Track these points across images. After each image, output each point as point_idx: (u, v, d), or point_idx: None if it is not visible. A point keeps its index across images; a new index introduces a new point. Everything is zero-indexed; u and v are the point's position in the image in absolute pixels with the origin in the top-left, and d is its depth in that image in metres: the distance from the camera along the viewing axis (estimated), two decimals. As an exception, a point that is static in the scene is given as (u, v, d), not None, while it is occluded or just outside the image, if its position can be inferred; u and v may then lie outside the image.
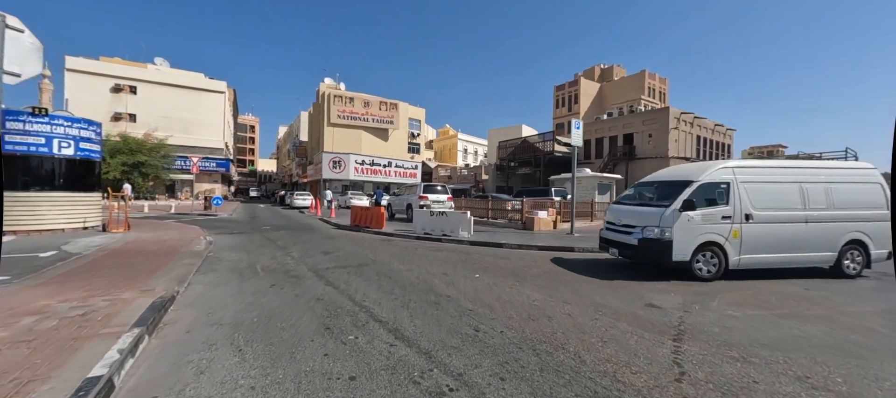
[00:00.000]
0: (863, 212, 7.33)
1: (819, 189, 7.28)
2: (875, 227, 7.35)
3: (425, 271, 7.14)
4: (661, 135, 28.87)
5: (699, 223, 6.80)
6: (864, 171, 7.70)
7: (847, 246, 7.32)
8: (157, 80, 42.81)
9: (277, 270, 7.04)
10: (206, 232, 12.58)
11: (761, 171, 7.38)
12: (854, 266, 7.42)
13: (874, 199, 7.45)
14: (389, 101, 46.15)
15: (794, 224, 7.12)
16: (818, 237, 7.19)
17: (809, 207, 7.16)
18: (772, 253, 7.06)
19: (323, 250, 9.46)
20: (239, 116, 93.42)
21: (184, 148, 42.50)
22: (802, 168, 7.73)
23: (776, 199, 7.13)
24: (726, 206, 6.91)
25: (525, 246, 10.50)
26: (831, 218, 7.23)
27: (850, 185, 7.46)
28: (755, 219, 6.92)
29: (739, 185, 6.99)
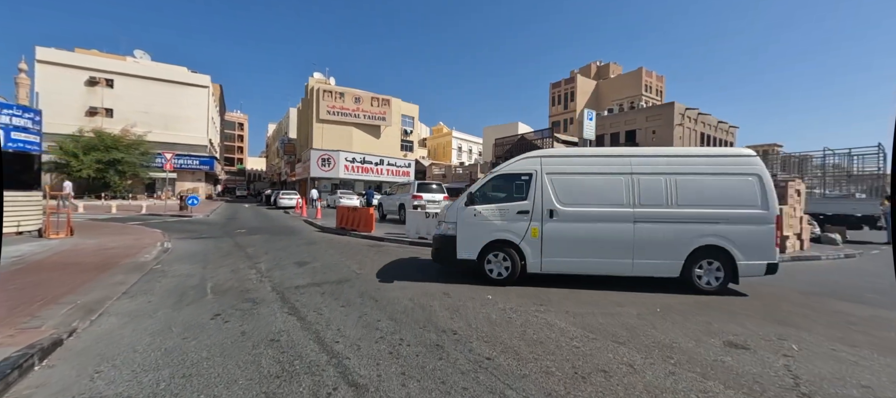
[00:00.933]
0: (726, 212, 5.65)
1: (658, 182, 5.80)
2: (744, 232, 5.60)
3: (421, 290, 5.65)
4: (666, 131, 27.75)
5: (488, 219, 6.07)
6: (735, 159, 5.87)
7: (700, 253, 5.70)
8: (136, 74, 40.64)
9: (232, 290, 5.50)
10: (168, 237, 10.94)
11: (575, 160, 6.20)
12: (708, 279, 5.78)
13: (745, 195, 5.65)
14: (382, 97, 44.53)
15: (617, 223, 5.79)
16: (655, 240, 5.72)
17: (640, 204, 5.77)
18: (585, 256, 5.87)
19: (298, 260, 7.91)
20: (226, 113, 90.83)
21: (164, 145, 40.32)
22: (639, 157, 6.11)
23: (592, 193, 5.92)
24: (524, 201, 5.99)
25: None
26: (675, 217, 5.71)
27: (714, 177, 5.77)
28: (561, 217, 5.88)
29: (544, 176, 5.99)
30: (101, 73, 38.76)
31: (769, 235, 5.58)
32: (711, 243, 5.63)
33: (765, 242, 5.57)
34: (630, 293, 5.72)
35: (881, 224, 13.32)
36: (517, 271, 5.95)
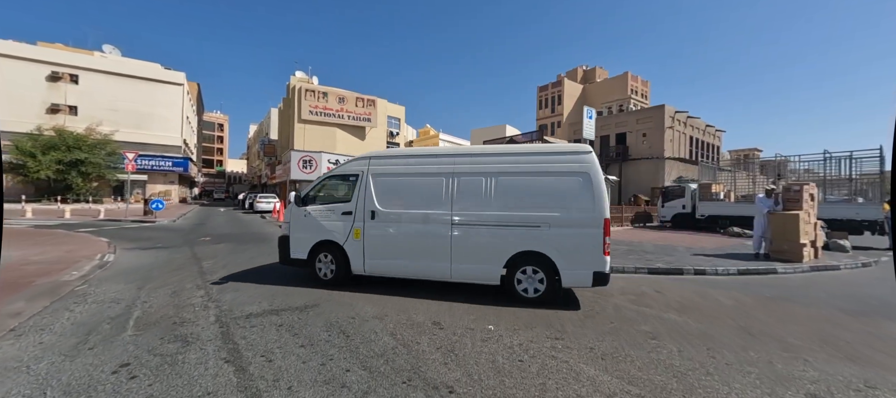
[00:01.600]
0: (549, 215, 5.11)
1: (478, 183, 5.42)
2: (568, 237, 5.02)
3: (406, 318, 4.55)
4: (656, 134, 27.34)
5: (317, 219, 6.10)
6: (566, 156, 5.29)
7: (520, 259, 5.20)
8: (103, 69, 38.20)
9: (162, 323, 4.28)
10: (115, 246, 9.53)
11: (400, 160, 6.09)
12: (529, 287, 5.25)
13: (573, 196, 5.07)
14: (367, 98, 43.19)
15: (435, 226, 5.51)
16: (474, 245, 5.36)
17: (458, 206, 5.44)
18: (404, 259, 5.65)
19: (264, 280, 6.68)
20: (205, 113, 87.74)
21: (134, 145, 38.03)
22: (463, 156, 5.74)
23: (412, 194, 5.73)
24: (349, 202, 5.96)
25: (536, 265, 8.06)
26: (493, 221, 5.31)
27: (540, 177, 5.27)
28: (381, 218, 5.74)
29: (369, 177, 5.92)
30: (64, 67, 36.28)
31: (596, 241, 4.97)
32: (532, 249, 5.13)
33: (591, 249, 4.98)
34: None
35: (884, 229, 12.90)
36: (341, 273, 5.91)
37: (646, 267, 7.90)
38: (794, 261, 8.77)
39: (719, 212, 16.49)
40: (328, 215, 6.05)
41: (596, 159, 5.23)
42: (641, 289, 6.51)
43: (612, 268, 7.78)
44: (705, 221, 17.10)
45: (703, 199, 17.12)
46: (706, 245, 11.96)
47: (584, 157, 5.21)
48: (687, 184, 18.57)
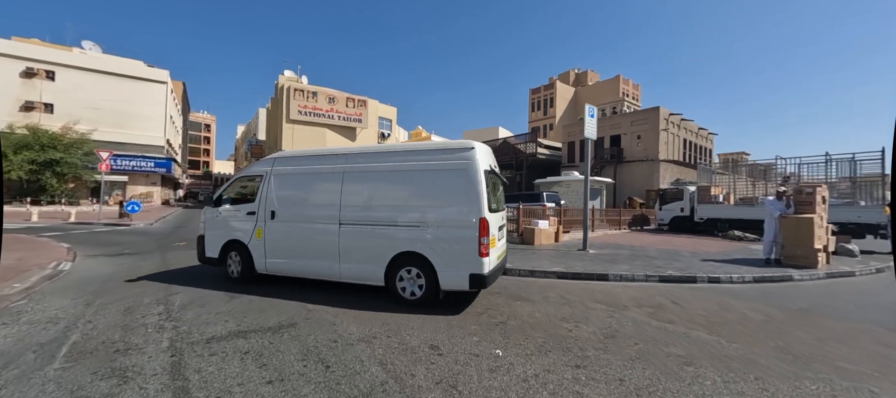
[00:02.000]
0: (429, 215, 4.98)
1: (364, 183, 5.44)
2: (445, 237, 4.86)
3: (398, 342, 3.87)
4: (651, 136, 27.11)
5: (227, 219, 6.33)
6: (448, 154, 5.08)
7: (402, 260, 5.05)
8: (82, 66, 36.73)
9: (102, 349, 3.54)
10: (75, 253, 8.66)
11: (301, 160, 6.06)
12: (410, 289, 5.06)
13: (451, 194, 4.90)
14: (358, 98, 42.38)
15: (326, 225, 5.53)
16: (359, 245, 5.31)
17: (346, 206, 5.44)
18: (300, 259, 5.71)
19: (231, 290, 5.92)
20: (191, 113, 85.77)
21: (114, 144, 36.64)
22: (353, 155, 5.66)
23: (307, 194, 5.82)
24: (253, 202, 6.10)
25: (541, 272, 7.45)
26: (376, 220, 5.27)
27: (422, 176, 5.12)
28: (279, 218, 5.85)
29: (272, 177, 6.02)
30: (40, 63, 34.76)
31: (471, 242, 4.75)
32: (411, 250, 5.00)
33: (467, 249, 4.77)
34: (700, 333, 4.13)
35: (884, 232, 12.64)
36: (246, 272, 6.07)
37: (656, 274, 7.34)
38: (809, 268, 8.32)
39: (718, 215, 16.14)
40: (236, 215, 6.23)
41: (477, 156, 4.93)
42: (656, 299, 5.93)
43: (622, 275, 7.25)
44: (704, 224, 16.75)
45: (701, 201, 16.77)
46: (710, 249, 11.51)
47: (465, 154, 4.96)
48: (685, 186, 18.24)
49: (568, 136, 33.89)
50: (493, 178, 5.32)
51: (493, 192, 5.23)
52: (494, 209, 5.13)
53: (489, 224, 4.75)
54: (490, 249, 4.77)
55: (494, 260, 5.03)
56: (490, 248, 4.77)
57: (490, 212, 4.85)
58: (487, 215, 4.74)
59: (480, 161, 4.90)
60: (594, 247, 11.12)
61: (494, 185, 5.41)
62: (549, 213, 13.92)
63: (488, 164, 5.18)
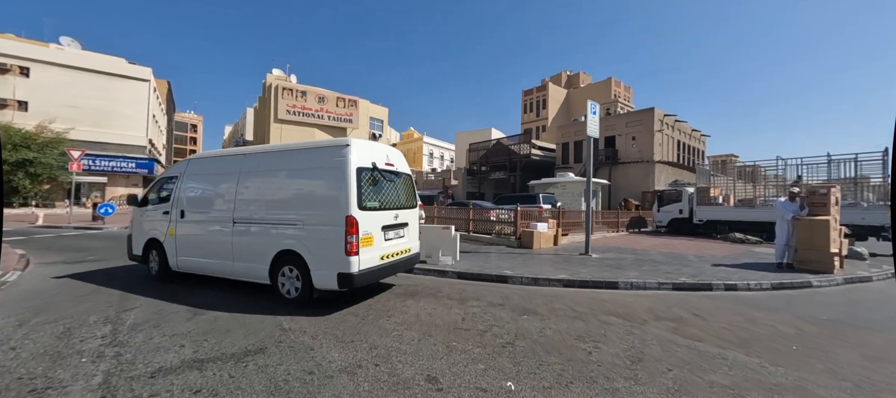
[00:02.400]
0: (305, 213, 5.02)
1: (253, 181, 5.55)
2: (319, 235, 4.85)
3: (388, 371, 3.21)
4: (646, 138, 26.85)
5: (148, 219, 6.63)
6: (324, 152, 5.10)
7: (282, 258, 5.09)
8: (59, 62, 35.29)
9: (14, 388, 2.81)
10: (30, 260, 7.79)
11: (209, 161, 6.31)
12: (290, 288, 5.08)
13: (326, 192, 4.92)
14: (348, 98, 41.56)
15: (222, 225, 5.68)
16: (248, 243, 5.42)
17: (239, 205, 5.54)
18: (203, 257, 5.88)
19: (198, 302, 5.19)
20: (177, 113, 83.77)
21: (93, 144, 35.25)
22: (248, 156, 5.81)
23: (208, 194, 6.04)
24: (168, 202, 6.36)
25: (545, 280, 6.84)
26: (260, 219, 5.38)
27: (304, 174, 5.22)
28: (187, 217, 6.08)
29: (186, 177, 6.27)
30: (13, 59, 33.26)
31: (339, 241, 4.68)
32: (289, 248, 5.01)
33: (335, 248, 4.71)
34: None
35: (887, 234, 12.39)
36: (163, 270, 6.33)
37: (668, 282, 6.80)
38: (825, 272, 7.87)
39: (718, 216, 15.79)
40: (155, 215, 6.47)
41: (352, 154, 4.84)
42: (675, 311, 5.36)
43: (632, 283, 6.69)
44: (703, 226, 16.39)
45: (701, 203, 16.41)
46: (715, 253, 11.06)
47: (339, 152, 4.91)
48: (684, 187, 17.89)
49: (562, 136, 33.54)
50: (375, 175, 5.18)
51: (373, 188, 5.11)
52: (374, 207, 5.05)
53: (358, 222, 4.66)
54: (360, 248, 4.68)
55: (374, 259, 4.97)
56: (360, 247, 4.68)
57: (367, 210, 4.85)
58: (356, 213, 4.66)
59: (355, 159, 4.83)
60: (596, 250, 10.58)
61: (375, 182, 5.21)
62: (545, 215, 13.37)
63: (371, 161, 5.12)
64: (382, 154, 5.46)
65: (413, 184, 6.30)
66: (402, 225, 5.67)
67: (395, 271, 5.62)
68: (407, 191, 5.95)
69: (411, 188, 6.14)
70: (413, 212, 6.06)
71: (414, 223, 6.05)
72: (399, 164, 5.87)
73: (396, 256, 5.49)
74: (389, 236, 5.36)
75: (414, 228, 6.05)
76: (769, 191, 15.57)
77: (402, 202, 5.75)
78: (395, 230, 5.50)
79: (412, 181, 6.28)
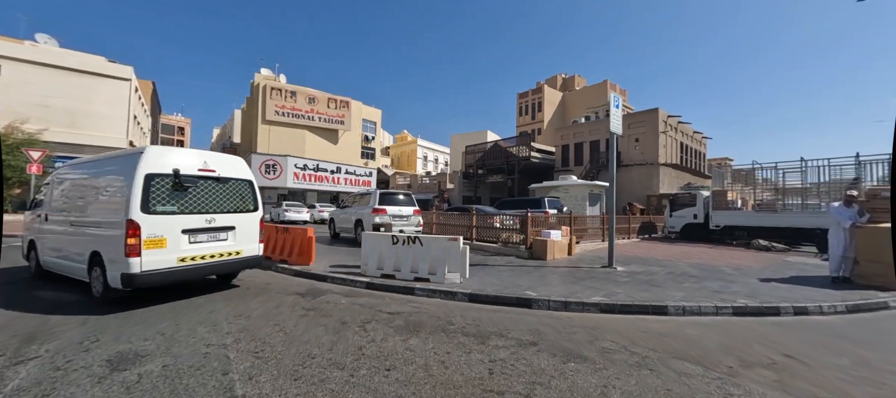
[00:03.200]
0: (105, 218, 5.39)
1: (77, 186, 6.18)
2: (112, 238, 5.10)
3: None
4: (650, 139, 25.92)
5: (31, 222, 7.18)
6: (123, 159, 5.58)
7: (94, 259, 5.39)
8: (32, 60, 33.35)
9: None
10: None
11: (67, 168, 6.83)
12: (97, 287, 5.41)
13: (116, 196, 5.30)
14: (340, 99, 40.16)
15: (63, 227, 6.20)
16: (76, 244, 5.82)
17: (73, 208, 6.11)
18: (56, 258, 6.33)
19: (123, 350, 3.83)
20: (163, 115, 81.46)
21: (69, 146, 33.31)
22: (81, 165, 6.55)
23: (61, 198, 6.48)
24: (41, 207, 6.85)
25: (577, 304, 5.58)
26: (79, 222, 5.86)
27: (109, 179, 5.64)
28: (49, 220, 6.54)
29: (54, 181, 6.77)
30: (-19, 55, 31.24)
31: (120, 243, 4.90)
32: (95, 249, 5.35)
33: (118, 250, 4.94)
34: None
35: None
36: (37, 268, 6.89)
37: (726, 305, 5.60)
38: (890, 289, 6.75)
39: (737, 222, 14.76)
40: (35, 218, 6.91)
41: (142, 161, 5.08)
42: (757, 350, 4.15)
43: (684, 307, 5.48)
44: (719, 232, 15.35)
45: (717, 207, 15.38)
46: (749, 263, 9.96)
47: (131, 159, 5.25)
48: (698, 191, 16.87)
49: (561, 138, 32.54)
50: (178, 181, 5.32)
51: (173, 193, 5.27)
52: (170, 211, 5.19)
53: (140, 225, 4.86)
54: (143, 250, 4.87)
55: (168, 260, 5.13)
56: (143, 249, 4.86)
57: (157, 214, 5.05)
58: (138, 217, 4.86)
59: (145, 166, 5.05)
60: (618, 261, 9.38)
61: (179, 187, 5.35)
62: (551, 221, 12.15)
63: (173, 167, 5.30)
64: (195, 160, 5.62)
65: (253, 189, 6.34)
66: (222, 228, 5.78)
67: (211, 273, 5.94)
68: (237, 196, 6.06)
69: (248, 193, 6.23)
70: (247, 216, 6.14)
71: (247, 227, 6.12)
72: (227, 170, 5.99)
73: (211, 259, 5.61)
74: (199, 239, 5.50)
75: (247, 232, 6.11)
76: (790, 195, 14.56)
77: (226, 207, 5.86)
78: (209, 233, 5.62)
79: (250, 187, 6.29)
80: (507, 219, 12.46)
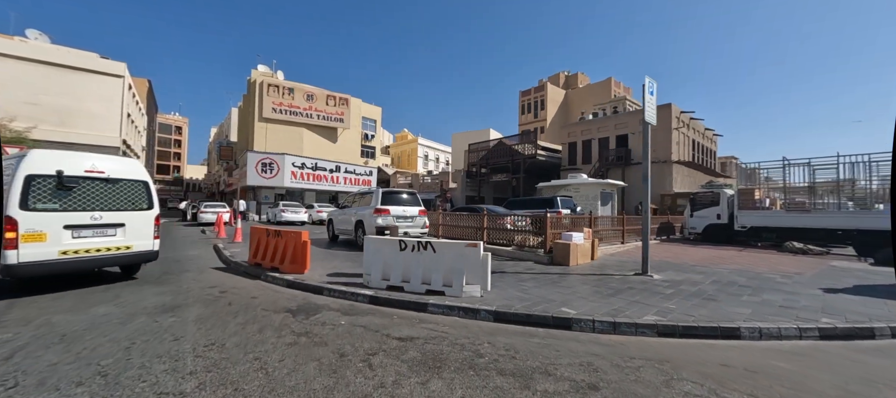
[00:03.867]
0: None
1: None
2: None
3: None
4: (662, 136, 24.92)
5: None
6: (12, 160, 6.02)
7: None
8: (20, 55, 32.28)
9: None
10: None
11: None
12: None
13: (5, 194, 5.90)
14: (339, 96, 39.14)
15: None
16: None
17: None
18: None
19: (77, 379, 2.82)
20: (160, 115, 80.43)
21: (59, 144, 32.26)
22: None
23: None
24: None
25: (628, 325, 4.57)
26: None
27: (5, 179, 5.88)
28: None
29: None
30: (-33, 51, 30.17)
31: None
32: None
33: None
34: None
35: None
36: None
37: (809, 326, 4.59)
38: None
39: (766, 223, 13.75)
40: None
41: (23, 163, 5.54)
42: (887, 396, 3.14)
43: (762, 329, 4.47)
44: (746, 234, 14.36)
45: (743, 207, 14.38)
46: (794, 268, 8.98)
47: (16, 160, 5.77)
48: (721, 189, 15.87)
49: (568, 136, 31.55)
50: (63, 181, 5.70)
51: (56, 192, 5.66)
52: (51, 208, 5.56)
53: (17, 221, 5.22)
54: (21, 243, 5.24)
55: (49, 253, 5.49)
56: (20, 242, 5.23)
57: (37, 211, 5.41)
58: (16, 213, 5.22)
59: (26, 168, 5.45)
60: (651, 267, 8.35)
61: (63, 187, 5.72)
62: (564, 222, 11.11)
63: (56, 168, 5.66)
64: (83, 163, 6.06)
65: (147, 189, 6.74)
66: (110, 225, 6.14)
67: (99, 266, 6.19)
68: (129, 195, 6.48)
69: (141, 193, 6.64)
70: (139, 214, 6.54)
71: (139, 224, 6.51)
72: (118, 172, 6.41)
73: (97, 253, 5.99)
74: (83, 234, 5.85)
75: (138, 228, 6.50)
76: (822, 193, 13.56)
77: (115, 205, 6.26)
78: (94, 229, 5.97)
79: (144, 187, 6.69)
80: (520, 220, 11.46)
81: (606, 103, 39.72)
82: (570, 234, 9.33)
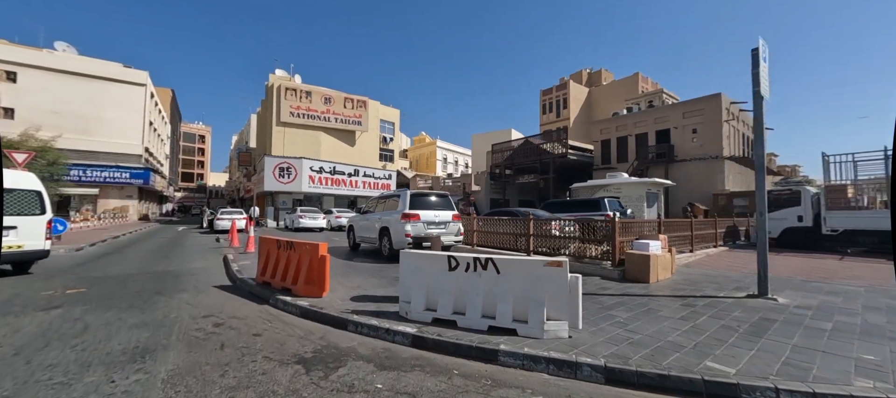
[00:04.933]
0: None
1: None
2: None
3: None
4: (711, 130, 22.58)
5: None
6: None
7: None
8: (48, 67, 32.76)
9: None
10: None
11: None
12: None
13: None
14: (357, 98, 38.20)
15: None
16: None
17: None
18: None
19: None
20: (184, 124, 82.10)
21: (83, 153, 32.52)
22: None
23: None
24: None
25: (831, 396, 2.85)
26: None
27: None
28: None
29: None
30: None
31: None
32: None
33: None
34: None
35: None
36: None
37: None
38: None
39: (865, 225, 11.54)
40: None
41: None
42: None
43: None
44: (835, 238, 12.15)
45: (831, 207, 12.19)
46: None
47: None
48: (802, 187, 13.70)
49: (601, 133, 29.42)
50: None
51: None
52: None
53: None
54: None
55: None
56: None
57: None
58: None
59: None
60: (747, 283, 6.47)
61: None
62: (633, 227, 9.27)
63: None
64: None
65: (40, 198, 7.78)
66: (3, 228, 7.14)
67: None
68: (21, 203, 7.45)
69: (34, 201, 7.66)
70: (31, 218, 7.53)
71: (31, 227, 7.50)
72: (12, 183, 7.44)
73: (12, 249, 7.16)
74: None
75: (30, 231, 7.48)
76: None
77: (8, 211, 7.20)
78: None
79: (36, 196, 7.75)
80: (568, 225, 9.71)
81: (639, 98, 37.35)
82: (644, 243, 7.55)
